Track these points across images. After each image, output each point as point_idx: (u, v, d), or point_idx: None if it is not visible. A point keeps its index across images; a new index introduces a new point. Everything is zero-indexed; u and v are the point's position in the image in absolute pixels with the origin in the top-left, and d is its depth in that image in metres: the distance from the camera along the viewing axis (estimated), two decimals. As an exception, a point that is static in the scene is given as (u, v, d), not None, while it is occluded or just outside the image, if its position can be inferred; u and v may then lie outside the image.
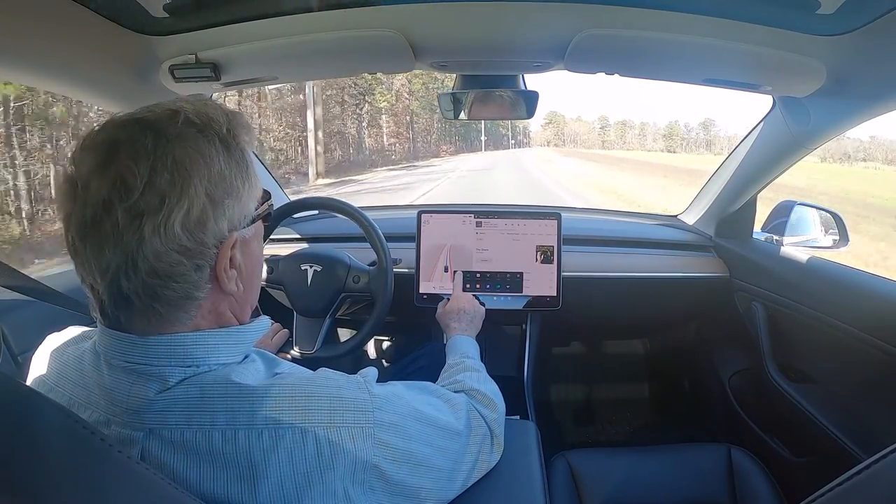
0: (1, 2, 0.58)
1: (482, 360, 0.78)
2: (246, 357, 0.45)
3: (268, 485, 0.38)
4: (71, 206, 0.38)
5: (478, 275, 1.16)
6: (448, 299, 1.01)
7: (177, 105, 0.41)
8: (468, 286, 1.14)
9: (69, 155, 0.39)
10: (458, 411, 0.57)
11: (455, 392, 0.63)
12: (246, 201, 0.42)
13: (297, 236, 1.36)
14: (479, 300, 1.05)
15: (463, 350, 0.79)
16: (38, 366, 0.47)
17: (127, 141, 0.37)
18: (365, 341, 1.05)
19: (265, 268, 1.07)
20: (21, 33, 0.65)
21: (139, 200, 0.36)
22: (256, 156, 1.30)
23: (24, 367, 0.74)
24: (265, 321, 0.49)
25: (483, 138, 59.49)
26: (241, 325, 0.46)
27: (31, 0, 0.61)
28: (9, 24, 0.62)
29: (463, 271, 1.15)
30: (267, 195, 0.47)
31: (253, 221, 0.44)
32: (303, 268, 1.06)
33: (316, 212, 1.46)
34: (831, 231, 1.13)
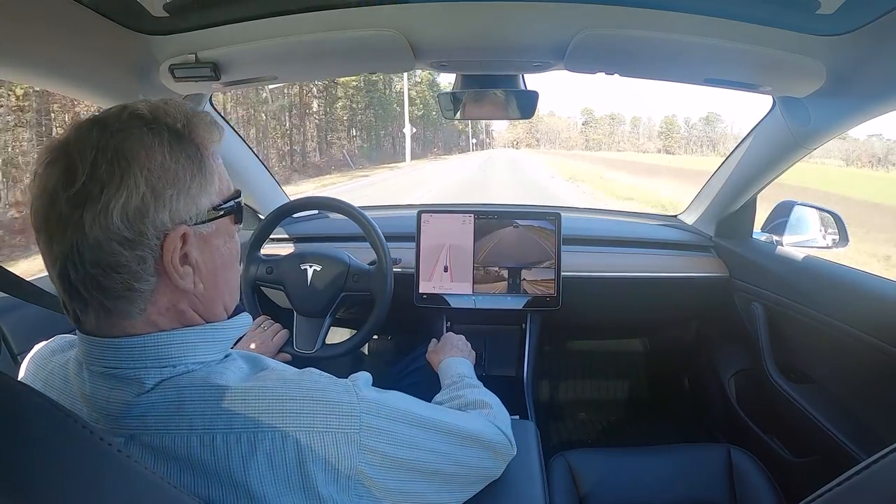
0: (0, 1, 0.58)
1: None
2: (227, 356, 0.44)
3: (248, 491, 0.38)
4: (31, 199, 0.39)
5: (477, 274, 1.16)
6: (437, 342, 1.00)
7: (132, 103, 0.41)
8: (467, 285, 1.14)
9: None
10: (467, 418, 0.57)
11: (460, 405, 0.63)
12: (196, 195, 0.41)
13: (297, 236, 1.36)
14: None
15: (460, 371, 0.78)
16: (27, 376, 0.47)
17: (76, 137, 0.38)
18: (365, 340, 1.05)
19: (264, 268, 1.07)
20: (21, 33, 0.65)
21: (80, 190, 0.36)
22: (256, 155, 1.30)
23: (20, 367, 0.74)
24: (246, 318, 0.48)
25: (406, 132, 29.89)
26: (217, 321, 0.45)
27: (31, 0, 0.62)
28: (9, 23, 0.62)
29: (462, 270, 1.15)
30: (236, 194, 0.46)
31: (212, 218, 0.43)
32: (302, 267, 1.06)
33: (316, 211, 1.46)
34: (831, 231, 1.13)
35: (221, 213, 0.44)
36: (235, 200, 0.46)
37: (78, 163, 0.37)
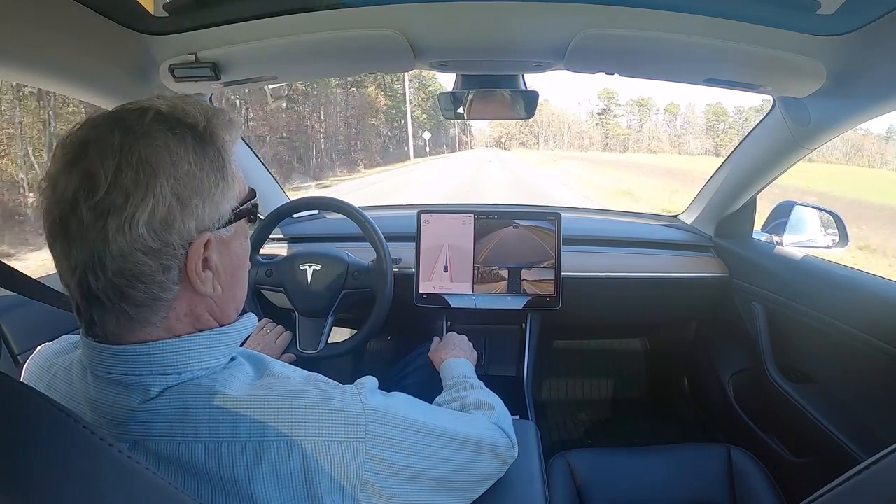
0: (1, 1, 0.58)
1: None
2: (233, 360, 0.44)
3: (252, 500, 0.37)
4: (45, 203, 0.37)
5: (477, 274, 1.16)
6: (439, 340, 1.00)
7: (150, 102, 0.40)
8: (467, 285, 1.14)
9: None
10: (472, 421, 0.57)
11: (463, 406, 0.63)
12: (219, 201, 0.40)
13: (297, 236, 1.36)
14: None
15: (462, 371, 0.78)
16: (29, 377, 0.47)
17: (96, 139, 0.36)
18: (369, 338, 1.05)
19: (264, 271, 1.07)
20: (21, 33, 0.65)
21: (104, 198, 0.35)
22: (256, 155, 1.30)
23: (23, 368, 0.74)
24: (251, 319, 0.47)
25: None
26: (222, 325, 0.44)
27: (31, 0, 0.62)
28: (9, 23, 0.62)
29: (462, 270, 1.15)
30: (252, 193, 0.45)
31: (232, 221, 0.42)
32: (302, 268, 1.06)
33: (316, 212, 1.46)
34: (830, 231, 1.13)
35: (241, 215, 0.43)
36: (251, 201, 0.45)
37: (100, 168, 0.35)
